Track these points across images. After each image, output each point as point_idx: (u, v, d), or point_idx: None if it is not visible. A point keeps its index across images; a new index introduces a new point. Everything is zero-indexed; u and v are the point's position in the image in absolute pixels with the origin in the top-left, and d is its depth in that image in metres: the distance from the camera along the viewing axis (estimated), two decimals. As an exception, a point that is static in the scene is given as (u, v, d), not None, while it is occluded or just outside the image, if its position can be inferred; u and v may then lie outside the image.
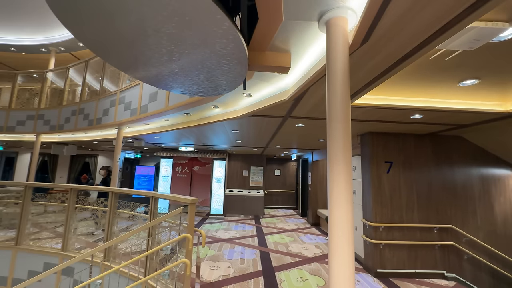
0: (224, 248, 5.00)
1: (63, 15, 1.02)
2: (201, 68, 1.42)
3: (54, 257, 3.69)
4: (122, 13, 0.95)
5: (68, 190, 3.88)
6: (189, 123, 4.17)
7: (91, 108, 5.11)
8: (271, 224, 7.36)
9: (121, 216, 3.82)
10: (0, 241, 3.97)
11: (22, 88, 6.56)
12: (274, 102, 2.73)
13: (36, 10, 5.25)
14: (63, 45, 6.50)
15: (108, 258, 3.34)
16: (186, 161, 8.84)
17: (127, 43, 1.18)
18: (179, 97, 3.27)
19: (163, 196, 3.34)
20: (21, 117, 6.17)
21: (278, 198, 10.65)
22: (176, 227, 3.04)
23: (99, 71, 5.45)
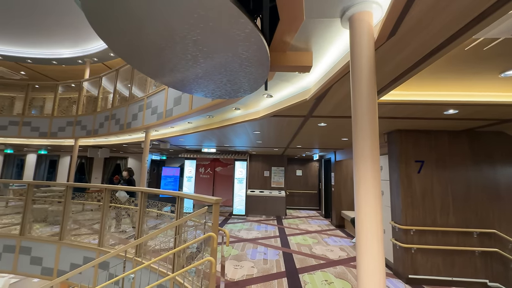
0: (247, 248, 5.05)
1: (99, 28, 1.11)
2: (224, 71, 1.46)
3: (92, 251, 3.98)
4: (151, 23, 1.01)
5: (102, 190, 4.19)
6: (212, 125, 4.29)
7: (121, 114, 5.46)
8: (293, 225, 7.28)
9: (149, 215, 4.03)
10: (47, 236, 4.40)
11: (62, 97, 7.21)
12: (295, 102, 2.71)
13: (73, 26, 5.76)
14: (96, 56, 7.03)
15: (140, 254, 3.54)
16: (209, 162, 9.08)
17: (156, 52, 1.26)
18: (202, 100, 3.38)
19: (189, 196, 3.46)
20: (62, 123, 6.79)
21: (300, 199, 10.50)
22: (201, 226, 3.14)
23: (128, 78, 5.82)
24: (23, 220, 4.37)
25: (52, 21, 5.58)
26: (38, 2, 4.85)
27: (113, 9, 0.96)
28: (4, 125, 6.75)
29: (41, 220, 5.19)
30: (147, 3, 0.90)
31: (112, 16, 1.00)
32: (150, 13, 0.95)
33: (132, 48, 1.26)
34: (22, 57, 7.17)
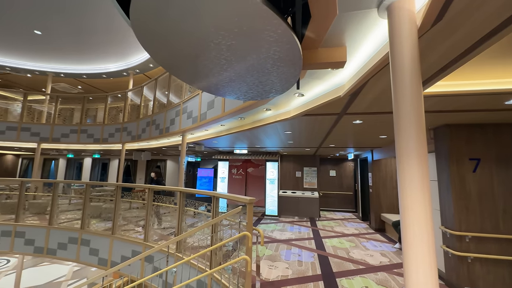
0: (281, 248, 5.03)
1: (145, 43, 1.23)
2: (256, 73, 1.48)
3: (139, 246, 4.35)
4: (190, 35, 1.08)
5: (146, 190, 4.57)
6: (243, 126, 4.38)
7: (161, 119, 5.90)
8: (328, 227, 7.03)
9: (187, 213, 4.27)
10: (102, 230, 4.95)
11: (111, 107, 8.07)
12: (328, 99, 2.62)
13: (118, 42, 6.43)
14: (138, 67, 7.73)
15: (180, 250, 3.77)
16: (241, 163, 9.28)
17: (192, 59, 1.34)
18: (233, 103, 3.47)
19: (224, 196, 3.58)
20: (111, 130, 7.59)
21: (334, 200, 10.09)
22: (236, 225, 3.23)
23: (165, 86, 6.26)
24: (83, 215, 4.98)
25: (101, 40, 6.29)
26: (89, 25, 5.52)
27: (157, 27, 1.05)
28: (66, 133, 7.80)
29: (97, 216, 5.87)
30: (191, 20, 0.96)
31: (156, 32, 1.10)
32: (191, 27, 1.01)
33: (172, 58, 1.36)
34: (78, 74, 8.22)
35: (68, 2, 4.70)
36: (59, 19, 5.27)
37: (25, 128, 7.62)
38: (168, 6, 0.93)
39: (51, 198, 5.32)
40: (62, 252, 4.97)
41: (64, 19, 5.29)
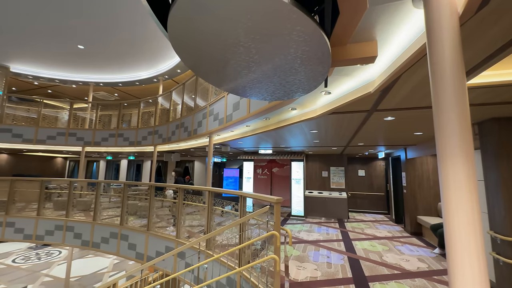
0: (308, 249, 4.95)
1: (180, 52, 1.31)
2: (284, 74, 1.49)
3: (172, 242, 4.60)
4: (222, 42, 1.13)
5: (177, 189, 4.81)
6: (268, 127, 4.40)
7: (189, 122, 6.17)
8: (358, 229, 6.74)
9: (215, 212, 4.40)
10: (138, 226, 5.32)
11: (143, 111, 8.64)
12: (357, 96, 2.53)
13: (150, 51, 6.87)
14: (167, 74, 8.17)
15: (210, 247, 3.91)
16: (266, 163, 9.32)
17: (223, 64, 1.39)
18: (259, 104, 3.51)
19: (251, 196, 3.63)
20: (144, 133, 8.12)
21: (364, 201, 9.64)
22: (263, 225, 3.26)
23: (192, 90, 6.53)
24: (122, 213, 5.41)
25: (135, 50, 6.77)
26: (124, 37, 5.97)
27: (192, 38, 1.12)
28: (106, 137, 8.52)
29: (133, 214, 6.32)
30: (224, 28, 1.01)
31: (191, 43, 1.17)
32: (223, 34, 1.06)
33: (204, 64, 1.43)
34: (115, 82, 8.94)
35: (107, 18, 5.15)
36: (99, 33, 5.79)
37: (72, 134, 8.49)
38: (202, 18, 0.99)
39: (94, 196, 5.87)
40: (105, 246, 5.44)
41: (103, 33, 5.80)
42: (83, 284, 7.47)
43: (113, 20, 5.25)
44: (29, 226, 5.99)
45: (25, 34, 5.90)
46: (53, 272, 8.37)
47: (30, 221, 6.00)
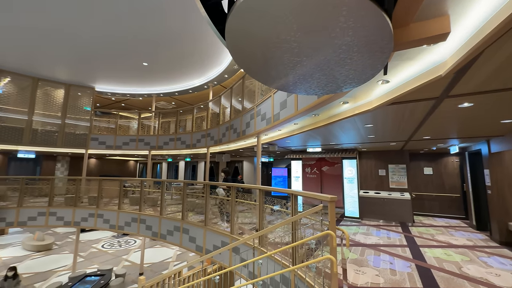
0: (367, 253, 4.59)
1: (237, 57, 1.39)
2: (338, 64, 1.43)
3: (226, 237, 4.87)
4: (276, 43, 1.16)
5: (229, 188, 5.08)
6: (317, 123, 4.26)
7: (237, 123, 6.45)
8: (426, 235, 5.92)
9: (266, 211, 4.48)
10: (197, 222, 5.81)
11: (196, 116, 9.42)
12: (423, 82, 2.23)
13: (200, 61, 7.45)
14: (215, 80, 8.72)
15: (263, 244, 4.00)
16: (314, 161, 9.03)
17: (276, 63, 1.41)
18: (307, 100, 3.44)
19: (303, 194, 3.56)
20: (198, 136, 8.84)
21: (433, 203, 8.40)
22: (317, 224, 3.16)
23: (239, 93, 6.81)
24: (183, 208, 5.99)
25: (189, 61, 7.45)
26: (180, 51, 6.63)
27: (247, 41, 1.18)
28: (166, 141, 9.60)
29: (192, 210, 6.92)
30: (279, 30, 1.04)
31: (246, 46, 1.23)
32: (279, 36, 1.09)
33: (257, 64, 1.48)
34: (172, 92, 9.98)
35: (164, 36, 5.81)
36: (158, 50, 6.57)
37: (140, 139, 9.83)
38: (257, 21, 1.03)
39: (160, 193, 6.67)
40: (170, 238, 6.12)
41: (161, 50, 6.56)
42: (154, 270, 8.57)
43: (169, 37, 5.88)
44: (113, 217, 7.18)
45: (105, 59, 7.14)
46: (131, 258, 9.85)
47: (113, 213, 7.19)
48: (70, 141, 9.05)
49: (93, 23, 5.27)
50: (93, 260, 9.46)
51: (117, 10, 4.79)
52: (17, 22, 5.25)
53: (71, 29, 5.50)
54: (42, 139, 8.52)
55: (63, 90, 9.01)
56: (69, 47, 6.38)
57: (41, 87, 8.62)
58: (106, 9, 4.73)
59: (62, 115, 8.93)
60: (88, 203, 7.88)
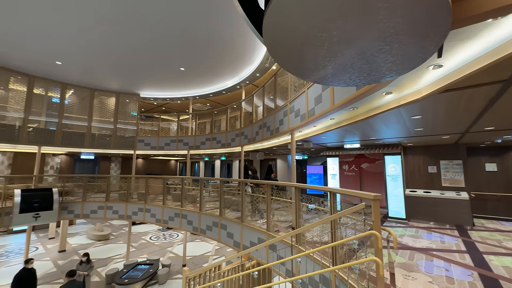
0: (417, 258, 4.18)
1: (275, 55, 1.38)
2: (382, 50, 1.32)
3: (263, 234, 4.91)
4: (315, 34, 1.11)
5: (265, 185, 5.10)
6: (356, 117, 4.02)
7: (270, 121, 6.44)
8: (491, 241, 5.15)
9: (302, 209, 4.38)
10: (233, 218, 5.98)
11: (230, 116, 9.68)
12: (486, 63, 1.93)
13: (232, 62, 7.64)
14: (247, 79, 8.84)
15: (300, 243, 3.93)
16: (353, 158, 8.55)
17: (315, 56, 1.36)
18: (344, 93, 3.26)
19: (343, 191, 3.40)
20: (232, 136, 9.08)
21: (498, 204, 7.27)
22: (359, 224, 2.99)
23: (271, 91, 6.79)
24: (220, 205, 6.23)
25: (222, 64, 7.70)
26: (214, 55, 6.88)
27: (285, 36, 1.16)
28: (203, 141, 10.08)
29: (228, 207, 7.15)
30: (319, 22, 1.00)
31: (284, 41, 1.22)
32: (319, 29, 1.05)
33: (295, 58, 1.44)
34: (207, 94, 10.43)
35: (199, 41, 6.09)
36: (196, 54, 6.92)
37: (180, 140, 10.50)
38: (295, 15, 1.00)
39: (198, 191, 7.03)
40: (209, 232, 6.41)
41: (196, 54, 6.89)
42: (195, 263, 9.11)
43: (204, 40, 6.14)
44: (158, 212, 7.82)
45: (148, 67, 7.78)
46: (174, 250, 10.63)
47: (158, 209, 7.83)
48: (121, 143, 10.12)
49: (140, 37, 5.79)
50: (143, 250, 10.45)
51: (160, 22, 5.18)
52: (79, 42, 6.04)
53: (122, 43, 6.13)
54: (99, 142, 9.69)
55: (114, 98, 10.10)
56: (119, 59, 7.12)
57: (97, 97, 9.80)
58: (151, 23, 5.16)
59: (114, 120, 10.03)
60: (137, 199, 8.71)
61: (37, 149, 8.49)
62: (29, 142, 8.19)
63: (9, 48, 6.55)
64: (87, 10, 4.80)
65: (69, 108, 9.22)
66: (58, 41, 6.05)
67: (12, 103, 7.99)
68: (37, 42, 6.16)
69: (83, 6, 4.64)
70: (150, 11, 4.82)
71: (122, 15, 4.96)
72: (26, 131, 8.10)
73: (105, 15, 4.97)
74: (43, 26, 5.40)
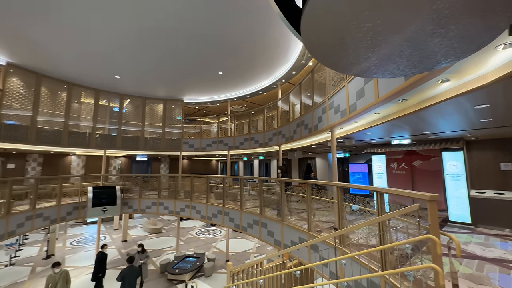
0: (487, 269, 3.60)
1: (315, 53, 1.37)
2: (438, 34, 1.19)
3: (304, 234, 4.83)
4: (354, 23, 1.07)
5: (304, 185, 5.01)
6: (405, 110, 3.67)
7: (308, 119, 6.30)
8: None
9: (345, 209, 4.17)
10: (273, 217, 6.02)
11: (267, 116, 9.76)
12: None
13: (268, 62, 7.69)
14: (283, 78, 8.79)
15: (344, 244, 3.76)
16: (402, 155, 7.77)
17: (354, 44, 1.31)
18: (390, 85, 3.01)
19: (391, 191, 3.14)
20: (270, 135, 9.14)
21: None
22: (412, 227, 2.72)
23: (308, 88, 6.62)
24: (260, 203, 6.34)
25: (258, 65, 7.82)
26: (250, 57, 7.04)
27: (326, 32, 1.14)
28: (242, 142, 10.37)
29: (267, 205, 7.22)
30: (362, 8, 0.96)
31: (324, 38, 1.19)
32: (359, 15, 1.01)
33: (336, 53, 1.40)
34: (244, 95, 10.71)
35: (235, 45, 6.31)
36: (233, 58, 7.19)
37: (220, 141, 11.01)
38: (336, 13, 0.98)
39: (238, 189, 7.27)
40: (250, 230, 6.58)
41: (233, 58, 7.14)
42: (237, 259, 9.44)
43: (241, 43, 6.34)
44: (202, 209, 8.34)
45: (191, 75, 8.37)
46: (218, 246, 11.19)
47: (202, 206, 8.35)
48: (169, 145, 11.10)
49: (184, 48, 6.31)
50: (190, 244, 11.27)
51: (201, 32, 5.57)
52: (134, 58, 6.85)
53: (169, 55, 6.74)
54: (151, 145, 10.79)
55: (162, 105, 11.13)
56: (166, 70, 7.84)
57: (148, 104, 10.93)
58: (194, 34, 5.58)
59: (162, 125, 11.05)
60: (184, 196, 9.43)
61: (103, 152, 9.89)
62: (97, 146, 9.58)
63: (83, 70, 7.81)
64: (144, 32, 5.47)
65: (126, 116, 10.50)
66: (118, 58, 6.97)
67: (84, 114, 9.46)
68: (103, 63, 7.23)
69: (142, 32, 5.28)
70: (194, 24, 5.22)
71: (171, 30, 5.52)
72: (94, 137, 9.50)
73: (159, 35, 5.61)
74: (108, 52, 6.33)
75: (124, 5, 4.61)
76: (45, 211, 7.50)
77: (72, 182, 11.55)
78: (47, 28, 5.42)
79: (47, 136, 8.24)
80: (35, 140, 7.90)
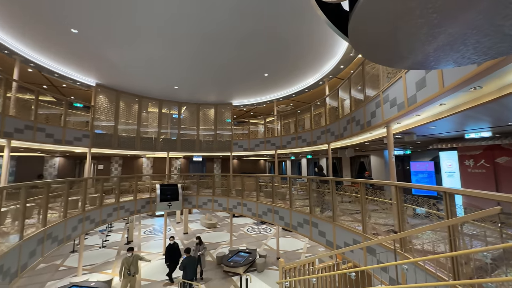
0: None
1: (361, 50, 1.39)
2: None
3: (358, 236, 4.61)
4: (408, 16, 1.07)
5: (357, 185, 4.78)
6: (480, 99, 3.16)
7: (360, 115, 5.94)
8: None
9: (406, 212, 3.82)
10: (326, 217, 5.90)
11: (314, 114, 9.55)
12: None
13: (313, 59, 7.55)
14: (330, 73, 8.47)
15: (405, 249, 3.47)
16: (481, 151, 6.58)
17: (406, 36, 1.27)
18: (459, 72, 2.66)
19: (464, 192, 2.78)
20: (318, 133, 8.93)
21: None
22: (492, 233, 2.36)
23: (359, 82, 6.24)
24: (310, 203, 6.28)
25: (303, 63, 7.77)
26: (295, 57, 7.06)
27: (375, 36, 1.16)
28: (289, 141, 10.41)
29: (318, 206, 7.09)
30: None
31: (373, 40, 1.21)
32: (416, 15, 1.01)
33: (386, 50, 1.39)
34: (289, 95, 10.71)
35: (280, 47, 6.43)
36: (278, 58, 7.33)
37: (267, 141, 11.27)
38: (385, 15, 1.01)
39: (287, 188, 7.35)
40: (300, 229, 6.58)
41: (278, 59, 7.27)
42: (288, 258, 9.51)
43: (283, 44, 6.42)
44: (253, 207, 8.71)
45: (238, 79, 8.87)
46: (268, 243, 11.47)
47: (253, 204, 8.71)
48: (220, 147, 11.93)
49: (233, 54, 6.81)
50: (242, 240, 11.86)
51: (248, 36, 5.90)
52: (190, 70, 7.69)
53: (218, 63, 7.34)
54: (205, 147, 11.80)
55: (213, 109, 12.05)
56: (216, 77, 8.53)
57: (201, 109, 11.98)
58: (242, 38, 5.96)
59: (214, 128, 11.96)
60: (236, 194, 10.01)
61: (166, 154, 11.29)
62: (162, 149, 11.00)
63: (150, 84, 9.15)
64: (198, 48, 6.10)
65: (183, 121, 11.75)
66: (176, 72, 7.94)
67: (150, 121, 11.00)
68: (164, 77, 8.33)
69: (200, 48, 5.93)
70: (241, 27, 5.58)
71: (221, 41, 6.00)
72: (159, 142, 10.94)
73: (209, 46, 6.15)
74: (169, 69, 7.24)
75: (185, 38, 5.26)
76: (125, 204, 9.04)
77: (144, 180, 13.53)
78: (126, 54, 6.62)
79: (125, 141, 9.90)
80: (117, 146, 9.59)
